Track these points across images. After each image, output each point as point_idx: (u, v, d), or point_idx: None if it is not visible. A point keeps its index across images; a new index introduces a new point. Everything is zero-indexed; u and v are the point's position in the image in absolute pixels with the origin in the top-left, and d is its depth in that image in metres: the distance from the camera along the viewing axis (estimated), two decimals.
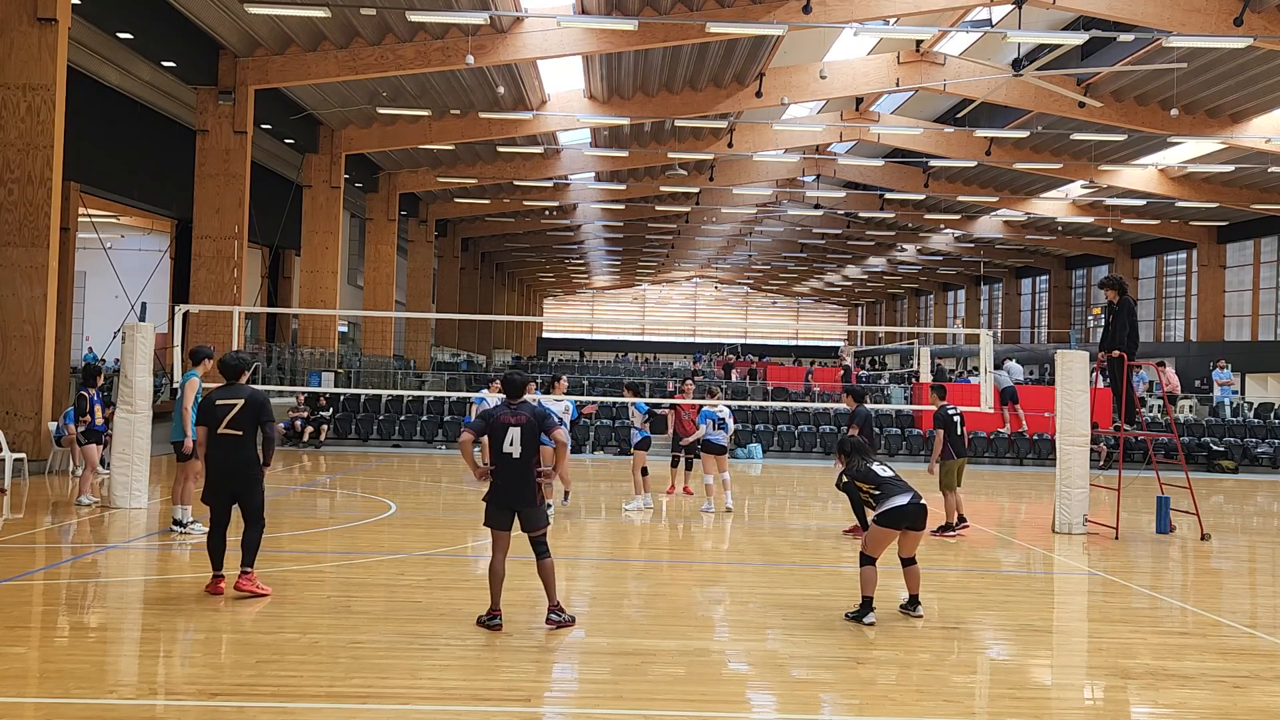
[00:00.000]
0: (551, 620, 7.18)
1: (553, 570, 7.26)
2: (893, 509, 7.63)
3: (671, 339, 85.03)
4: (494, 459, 7.19)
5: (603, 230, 55.73)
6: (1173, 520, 13.31)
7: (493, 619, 7.13)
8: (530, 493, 7.16)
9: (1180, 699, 6.10)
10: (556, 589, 7.30)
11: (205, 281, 23.61)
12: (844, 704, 5.88)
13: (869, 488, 7.85)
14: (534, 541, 7.21)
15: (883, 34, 23.66)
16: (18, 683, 5.82)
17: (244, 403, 7.90)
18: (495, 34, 23.02)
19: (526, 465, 7.16)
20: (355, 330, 42.67)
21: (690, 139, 34.33)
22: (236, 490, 7.91)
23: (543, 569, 7.21)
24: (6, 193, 16.43)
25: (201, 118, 23.73)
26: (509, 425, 7.16)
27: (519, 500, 7.14)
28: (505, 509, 7.16)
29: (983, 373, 14.94)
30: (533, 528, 7.19)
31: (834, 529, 12.76)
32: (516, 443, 7.12)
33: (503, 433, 7.15)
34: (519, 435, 7.12)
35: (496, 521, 7.21)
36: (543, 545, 7.22)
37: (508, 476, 7.16)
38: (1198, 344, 42.01)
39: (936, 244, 54.43)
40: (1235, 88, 25.64)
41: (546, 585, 7.26)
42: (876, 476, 7.83)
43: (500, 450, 7.14)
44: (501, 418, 7.22)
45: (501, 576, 7.17)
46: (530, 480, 7.17)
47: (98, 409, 13.48)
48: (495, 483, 7.20)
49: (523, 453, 7.13)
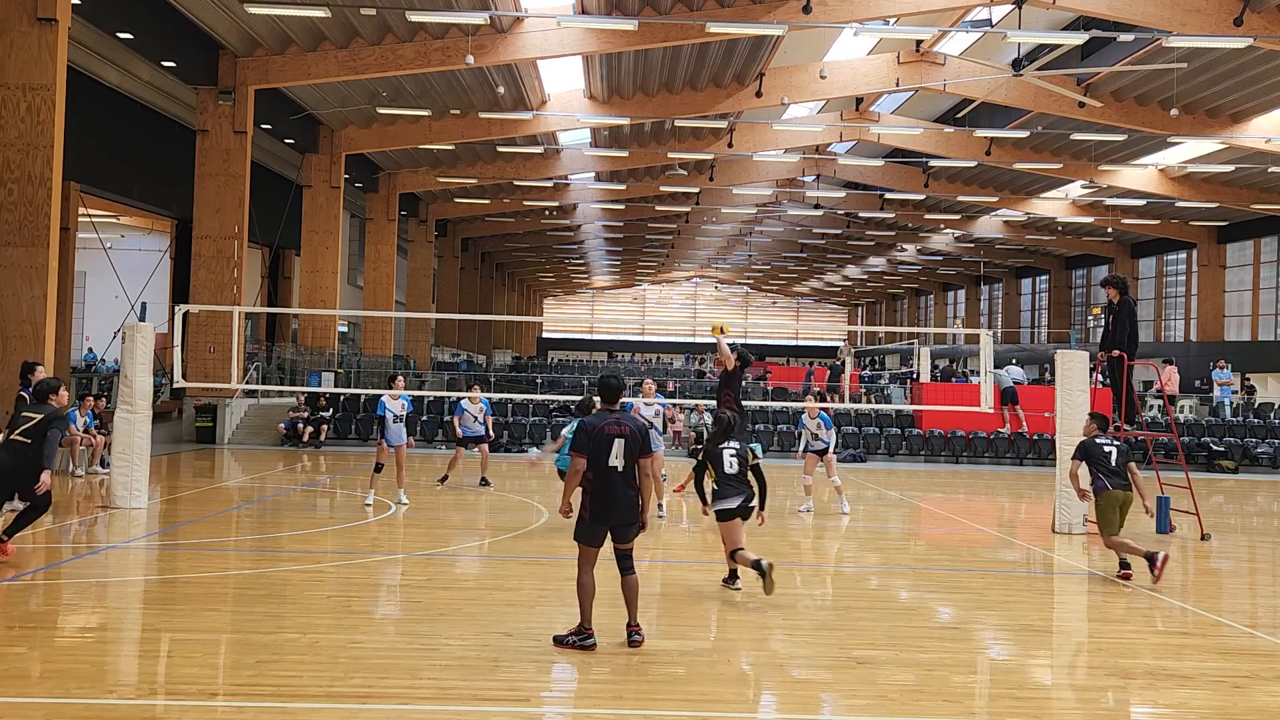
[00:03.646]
0: (635, 642, 6.78)
1: (638, 588, 6.93)
2: (724, 510, 8.37)
3: (671, 339, 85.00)
4: (594, 473, 6.76)
5: (603, 230, 55.73)
6: (1173, 520, 13.31)
7: (586, 638, 6.70)
8: (637, 508, 6.81)
9: (1180, 699, 6.10)
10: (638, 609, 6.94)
11: (205, 281, 23.62)
12: (844, 704, 5.88)
13: (713, 476, 8.48)
14: (623, 556, 6.85)
15: (883, 34, 23.65)
16: (18, 683, 5.82)
17: (41, 418, 9.10)
18: (495, 34, 23.02)
19: (631, 478, 6.80)
20: (355, 330, 42.67)
21: (690, 139, 34.33)
22: (17, 488, 9.33)
23: (629, 585, 6.85)
24: (6, 193, 16.42)
25: (201, 118, 23.73)
26: (613, 437, 6.75)
27: (627, 517, 6.77)
28: (605, 525, 6.77)
29: (983, 373, 14.95)
30: (626, 541, 6.84)
31: (834, 528, 12.75)
32: (620, 455, 6.73)
33: (607, 445, 6.74)
34: (622, 448, 6.75)
35: (593, 538, 6.79)
36: (631, 560, 6.88)
37: (612, 491, 6.73)
38: (1198, 344, 42.00)
39: (936, 244, 54.43)
40: (1235, 88, 25.64)
41: (630, 602, 6.88)
42: (721, 470, 8.44)
43: (605, 464, 6.73)
44: (605, 429, 6.78)
45: (593, 591, 6.78)
46: (636, 494, 6.81)
47: None
48: (597, 498, 6.75)
49: (626, 465, 6.75)
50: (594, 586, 6.77)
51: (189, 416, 24.22)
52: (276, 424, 24.59)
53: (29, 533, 10.99)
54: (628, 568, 6.84)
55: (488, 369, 44.29)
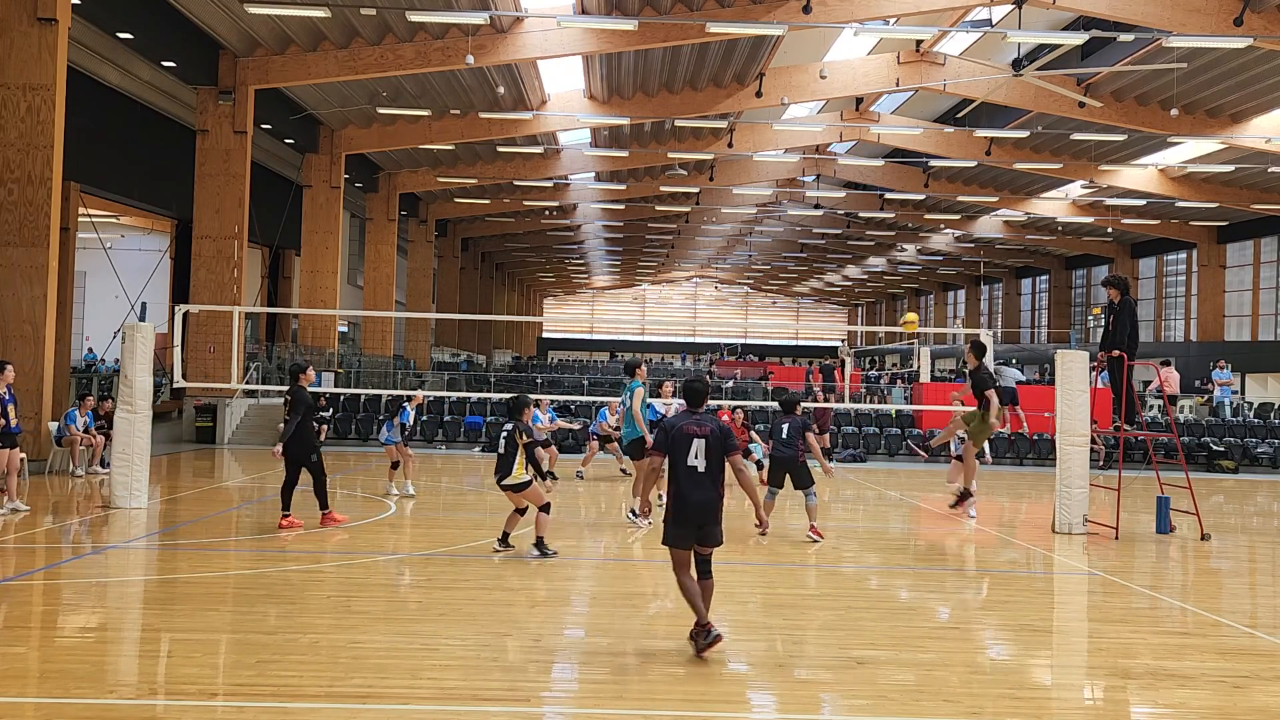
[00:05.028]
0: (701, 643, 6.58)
1: (712, 590, 6.76)
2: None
3: (671, 339, 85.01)
4: (675, 473, 6.66)
5: (603, 230, 55.74)
6: (1173, 520, 13.31)
7: (707, 633, 6.55)
8: (717, 508, 6.69)
9: (1180, 699, 6.10)
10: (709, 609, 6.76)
11: (205, 281, 23.63)
12: (844, 704, 5.88)
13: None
14: (704, 560, 6.71)
15: (883, 34, 23.65)
16: (18, 683, 5.82)
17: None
18: (495, 34, 23.03)
19: (713, 480, 6.66)
20: (355, 330, 42.68)
21: (690, 139, 34.34)
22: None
23: (705, 588, 6.71)
24: (6, 193, 16.44)
25: (201, 118, 23.74)
26: (693, 437, 6.65)
27: (709, 517, 6.64)
28: (691, 526, 6.63)
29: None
30: (710, 543, 6.67)
31: (834, 528, 12.75)
32: (701, 455, 6.63)
33: (686, 445, 6.64)
34: (704, 448, 6.63)
35: (680, 540, 6.66)
36: (710, 564, 6.73)
37: (693, 492, 6.61)
38: (1198, 344, 42.02)
39: (936, 244, 54.44)
40: (1235, 88, 25.64)
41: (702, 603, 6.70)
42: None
43: (684, 464, 6.63)
44: (685, 429, 6.68)
45: (696, 591, 6.67)
46: (718, 495, 6.68)
47: (11, 409, 12.29)
48: (677, 499, 6.65)
49: (708, 466, 6.64)
50: (695, 586, 6.66)
51: (189, 416, 24.22)
52: (276, 424, 24.57)
53: (29, 533, 11.00)
54: (706, 572, 6.72)
55: (488, 369, 44.29)
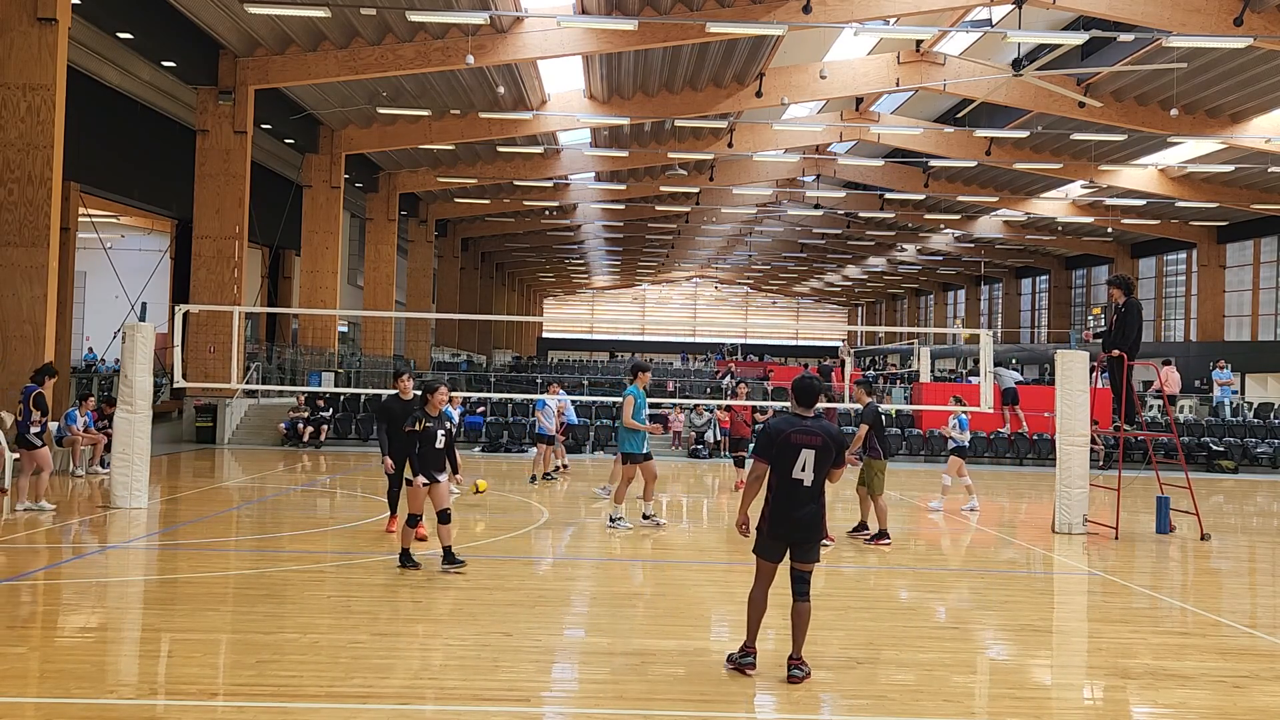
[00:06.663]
0: (794, 677, 6.12)
1: (809, 616, 6.23)
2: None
3: (671, 339, 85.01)
4: (777, 482, 6.14)
5: (603, 230, 55.73)
6: (1173, 520, 13.31)
7: (746, 655, 6.24)
8: (821, 523, 6.22)
9: (1180, 699, 6.10)
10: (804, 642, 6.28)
11: (205, 281, 23.63)
12: (844, 704, 5.88)
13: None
14: (799, 578, 6.21)
15: (883, 34, 23.65)
16: (18, 683, 5.82)
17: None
18: (495, 34, 23.02)
19: (818, 494, 6.15)
20: (355, 330, 42.68)
21: (690, 139, 34.33)
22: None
23: (799, 612, 6.19)
24: (6, 193, 16.43)
25: (201, 118, 23.74)
26: (801, 447, 6.07)
27: (812, 534, 6.19)
28: (786, 541, 6.18)
29: (983, 373, 14.95)
30: (808, 560, 6.21)
31: (834, 529, 12.75)
32: (809, 467, 6.06)
33: (793, 455, 6.07)
34: (813, 459, 6.08)
35: (772, 553, 6.20)
36: (807, 584, 6.22)
37: (796, 506, 6.09)
38: (1198, 344, 42.00)
39: (936, 244, 54.42)
40: (1235, 88, 25.64)
41: (798, 631, 6.22)
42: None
43: (789, 477, 6.08)
44: (792, 437, 6.09)
45: (764, 609, 6.28)
46: (822, 511, 6.20)
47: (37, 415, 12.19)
48: (778, 510, 6.15)
49: (814, 480, 6.09)
50: (765, 604, 6.27)
51: (189, 416, 24.22)
52: (276, 424, 24.59)
53: (29, 533, 11.00)
54: (802, 592, 6.20)
55: (488, 369, 44.28)
